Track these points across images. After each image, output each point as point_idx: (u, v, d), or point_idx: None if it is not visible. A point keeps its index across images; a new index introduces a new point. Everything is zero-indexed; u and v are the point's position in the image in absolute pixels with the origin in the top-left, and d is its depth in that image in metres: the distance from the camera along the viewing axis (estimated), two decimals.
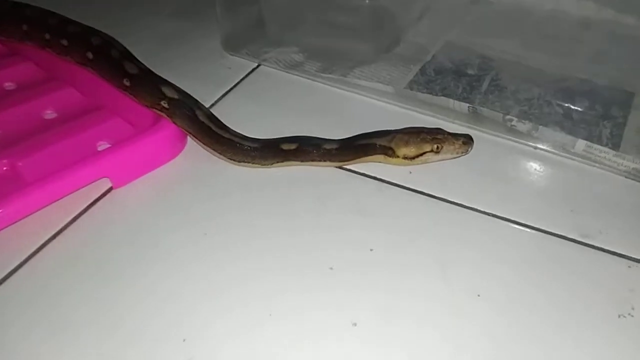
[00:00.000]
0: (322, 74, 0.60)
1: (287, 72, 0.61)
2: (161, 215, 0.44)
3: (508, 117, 0.51)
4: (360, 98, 0.58)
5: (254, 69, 0.62)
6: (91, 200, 0.44)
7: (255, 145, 0.47)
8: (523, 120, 0.51)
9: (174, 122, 0.48)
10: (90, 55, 0.51)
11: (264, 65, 0.62)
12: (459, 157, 0.47)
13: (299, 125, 0.53)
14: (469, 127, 0.53)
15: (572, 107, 0.55)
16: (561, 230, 0.43)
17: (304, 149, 0.48)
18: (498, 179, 0.48)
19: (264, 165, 0.48)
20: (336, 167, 0.49)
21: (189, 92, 0.50)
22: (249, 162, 0.48)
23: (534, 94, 0.56)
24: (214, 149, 0.48)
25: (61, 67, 0.55)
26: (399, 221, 0.44)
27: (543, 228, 0.43)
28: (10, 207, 0.40)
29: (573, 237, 0.43)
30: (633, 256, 0.41)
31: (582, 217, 0.44)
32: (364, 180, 0.48)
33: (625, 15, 0.60)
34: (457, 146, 0.46)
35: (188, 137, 0.50)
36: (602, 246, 0.42)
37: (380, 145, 0.47)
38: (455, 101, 0.53)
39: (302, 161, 0.48)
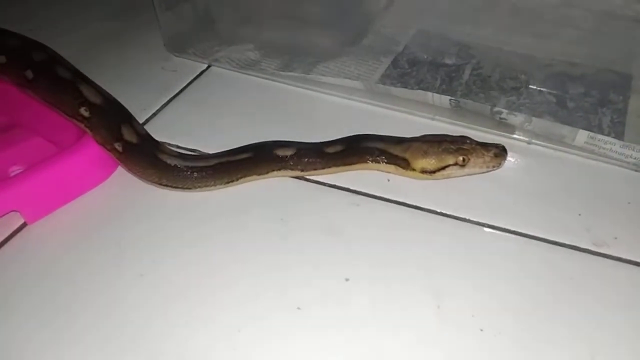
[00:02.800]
0: (281, 72, 0.52)
1: (241, 72, 0.54)
2: (86, 256, 0.36)
3: (496, 109, 0.45)
4: (327, 97, 0.51)
5: (203, 71, 0.54)
6: None
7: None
8: (514, 112, 0.44)
9: (95, 139, 0.39)
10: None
11: (215, 66, 0.55)
12: (489, 172, 0.39)
13: (257, 132, 0.45)
14: (451, 123, 0.47)
15: (566, 94, 0.48)
16: (570, 239, 0.37)
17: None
18: (490, 183, 0.41)
19: (219, 186, 0.40)
20: (295, 177, 0.41)
21: (127, 100, 0.42)
22: (200, 187, 0.40)
23: (521, 82, 0.50)
24: (149, 178, 0.39)
25: None
26: (379, 241, 0.37)
27: (548, 238, 0.37)
28: None
29: (585, 247, 0.36)
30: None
31: (592, 221, 0.38)
32: (333, 193, 0.40)
33: None
34: (487, 159, 0.38)
35: None
36: (620, 255, 0.35)
37: (392, 155, 0.39)
38: (435, 94, 0.46)
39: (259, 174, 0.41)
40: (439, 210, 0.39)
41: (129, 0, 0.65)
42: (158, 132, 0.45)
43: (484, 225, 0.38)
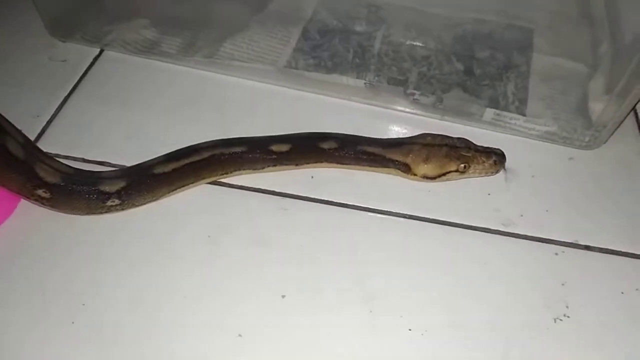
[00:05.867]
0: (186, 57, 0.48)
1: (140, 56, 0.49)
2: (5, 309, 0.34)
3: (409, 91, 0.45)
4: (238, 81, 0.48)
5: (96, 58, 0.49)
6: None
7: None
8: (426, 94, 0.45)
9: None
10: None
11: (108, 50, 0.50)
12: (487, 177, 0.40)
13: (169, 130, 0.43)
14: (367, 103, 0.47)
15: (473, 59, 0.49)
16: (482, 222, 0.39)
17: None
18: None
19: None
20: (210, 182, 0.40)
21: (14, 106, 0.38)
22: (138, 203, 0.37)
23: (431, 50, 0.50)
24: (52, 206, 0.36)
25: None
26: (309, 247, 0.38)
27: (463, 223, 0.39)
28: None
29: (496, 228, 0.39)
30: (561, 239, 0.39)
31: (500, 200, 0.41)
32: (259, 198, 0.40)
33: None
34: (486, 165, 0.39)
35: None
36: (526, 233, 0.39)
37: (391, 160, 0.39)
38: (350, 78, 0.46)
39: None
40: (362, 205, 0.40)
41: None
42: (57, 144, 0.42)
43: (405, 216, 0.40)
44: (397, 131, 0.45)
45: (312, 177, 0.41)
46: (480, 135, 0.43)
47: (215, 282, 0.35)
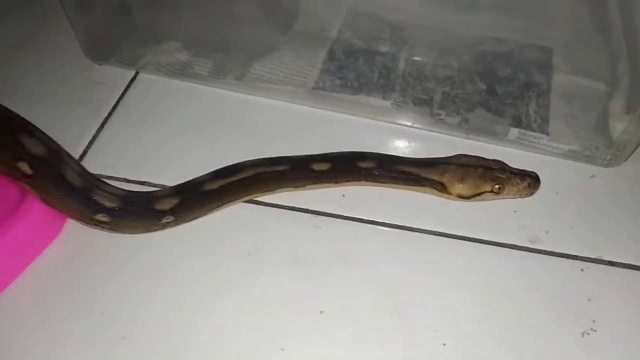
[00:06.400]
0: (216, 78, 0.50)
1: (173, 78, 0.51)
2: (57, 326, 0.35)
3: (435, 111, 0.47)
4: (267, 102, 0.50)
5: (132, 80, 0.51)
6: None
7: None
8: (451, 114, 0.47)
9: (43, 200, 0.37)
10: None
11: (143, 73, 0.52)
12: (521, 199, 0.42)
13: (204, 150, 0.45)
14: (394, 122, 0.48)
15: (495, 78, 0.51)
16: (509, 238, 0.41)
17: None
18: None
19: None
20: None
21: (58, 128, 0.39)
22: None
23: (454, 70, 0.52)
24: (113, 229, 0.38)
25: None
26: (344, 264, 0.39)
27: (491, 240, 0.41)
28: None
29: (523, 245, 0.41)
30: (585, 255, 0.40)
31: (526, 217, 0.42)
32: (294, 217, 0.42)
33: None
34: (520, 187, 0.40)
35: None
36: (552, 249, 0.40)
37: (428, 179, 0.41)
38: (376, 98, 0.48)
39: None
40: (392, 223, 0.42)
41: None
42: (99, 164, 0.44)
43: (434, 233, 0.41)
44: (423, 150, 0.46)
45: (344, 195, 0.43)
46: (504, 154, 0.44)
47: (256, 297, 0.37)
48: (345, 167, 0.41)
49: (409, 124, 0.48)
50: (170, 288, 0.37)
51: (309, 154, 0.43)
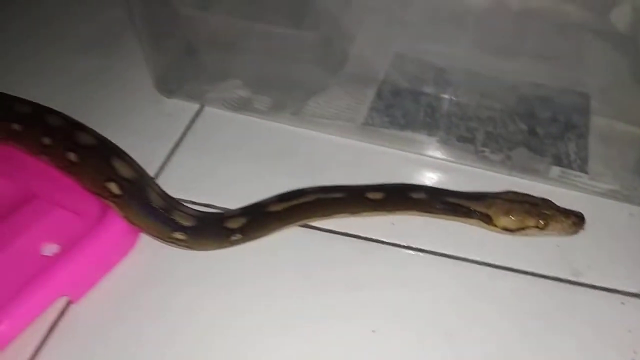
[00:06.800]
0: (274, 113, 0.55)
1: (235, 112, 0.56)
2: (135, 326, 0.39)
3: (479, 148, 0.50)
4: (321, 136, 0.54)
5: (197, 113, 0.56)
6: (49, 325, 0.39)
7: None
8: (495, 152, 0.50)
9: (126, 218, 0.41)
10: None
11: (208, 106, 0.56)
12: (566, 237, 0.43)
13: (263, 179, 0.49)
14: (439, 158, 0.52)
15: (535, 119, 0.54)
16: (551, 270, 0.43)
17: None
18: None
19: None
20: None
21: (130, 153, 0.43)
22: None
23: (496, 111, 0.55)
24: (189, 246, 0.42)
25: None
26: (392, 287, 0.42)
27: (531, 270, 0.43)
28: None
29: (566, 278, 0.43)
30: (626, 290, 0.42)
31: (568, 251, 0.44)
32: (345, 242, 0.45)
33: (567, 3, 0.59)
34: (565, 225, 0.42)
35: None
36: (594, 283, 0.42)
37: (475, 211, 0.43)
38: (423, 135, 0.51)
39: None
40: (438, 251, 0.44)
41: (98, 31, 0.64)
42: (169, 187, 0.47)
43: (478, 262, 0.44)
44: (467, 185, 0.49)
45: (393, 223, 0.46)
46: (546, 191, 0.47)
47: (310, 315, 0.40)
48: (398, 197, 0.44)
49: (453, 159, 0.51)
50: (229, 302, 0.40)
51: (361, 184, 0.46)
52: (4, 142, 0.44)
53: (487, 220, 0.43)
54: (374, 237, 0.45)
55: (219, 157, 0.52)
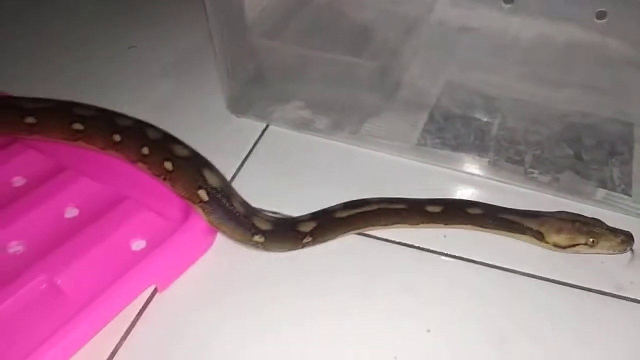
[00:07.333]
0: (333, 132, 0.60)
1: (297, 131, 0.61)
2: (217, 319, 0.43)
3: (529, 170, 0.53)
4: (376, 154, 0.58)
5: (263, 131, 0.61)
6: (138, 310, 0.44)
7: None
8: (544, 173, 0.53)
9: (211, 222, 0.46)
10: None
11: (273, 125, 0.62)
12: (614, 254, 0.46)
13: (317, 188, 0.53)
14: (488, 178, 0.55)
15: (581, 146, 0.57)
16: (596, 284, 0.46)
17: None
18: None
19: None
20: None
21: None
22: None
23: (543, 136, 0.58)
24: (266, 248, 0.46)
25: (70, 153, 0.53)
26: (445, 294, 0.45)
27: (575, 283, 0.46)
28: (67, 339, 0.39)
29: (610, 291, 0.45)
30: None
31: (612, 268, 0.47)
32: (400, 251, 0.49)
33: (611, 38, 0.62)
34: (614, 243, 0.44)
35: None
36: (636, 297, 0.45)
37: (528, 228, 0.46)
38: (475, 156, 0.55)
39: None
40: (487, 262, 0.48)
41: (178, 57, 0.71)
42: (241, 195, 0.53)
43: (526, 275, 0.47)
44: (515, 204, 0.52)
45: (445, 236, 0.50)
46: (591, 212, 0.49)
47: (369, 315, 0.44)
48: (456, 211, 0.48)
49: (502, 179, 0.55)
50: (291, 300, 0.45)
51: (428, 198, 0.50)
52: (103, 151, 0.51)
53: (539, 236, 0.46)
54: (428, 247, 0.49)
55: (282, 170, 0.57)
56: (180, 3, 0.79)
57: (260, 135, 0.61)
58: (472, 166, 0.56)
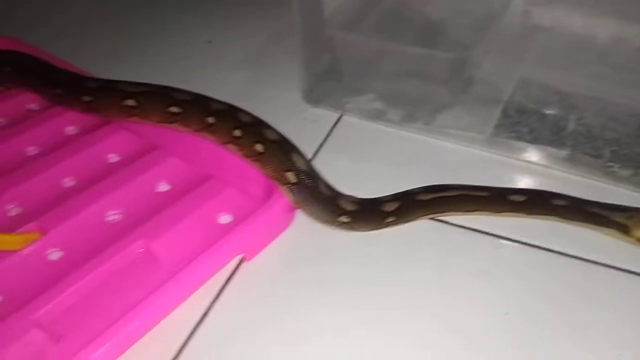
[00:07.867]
0: (406, 124, 0.61)
1: (370, 121, 0.63)
2: (299, 288, 0.46)
3: (608, 164, 0.53)
4: (449, 145, 0.59)
5: (337, 121, 0.63)
6: (226, 278, 0.46)
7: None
8: (625, 168, 0.52)
9: (297, 203, 0.48)
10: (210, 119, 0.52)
11: (347, 116, 0.64)
12: None
13: (389, 176, 0.55)
14: (564, 171, 0.55)
15: None
16: None
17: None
18: None
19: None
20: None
21: None
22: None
23: (621, 133, 0.58)
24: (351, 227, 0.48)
25: (160, 135, 0.57)
26: (520, 279, 0.46)
27: None
28: (162, 300, 0.42)
29: None
30: None
31: None
32: (476, 237, 0.49)
33: None
34: None
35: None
36: None
37: (614, 221, 0.46)
38: (552, 149, 0.55)
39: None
40: (561, 251, 0.48)
41: (262, 51, 0.75)
42: None
43: (606, 266, 0.46)
44: (592, 198, 0.52)
45: (520, 225, 0.50)
46: None
47: (447, 298, 0.45)
48: (540, 202, 0.48)
49: (579, 173, 0.54)
50: (366, 278, 0.46)
51: (513, 187, 0.51)
52: (197, 133, 0.54)
53: (623, 230, 0.46)
54: (502, 235, 0.49)
55: (355, 158, 0.58)
56: (248, 4, 0.83)
57: (334, 125, 0.63)
58: (548, 159, 0.56)
